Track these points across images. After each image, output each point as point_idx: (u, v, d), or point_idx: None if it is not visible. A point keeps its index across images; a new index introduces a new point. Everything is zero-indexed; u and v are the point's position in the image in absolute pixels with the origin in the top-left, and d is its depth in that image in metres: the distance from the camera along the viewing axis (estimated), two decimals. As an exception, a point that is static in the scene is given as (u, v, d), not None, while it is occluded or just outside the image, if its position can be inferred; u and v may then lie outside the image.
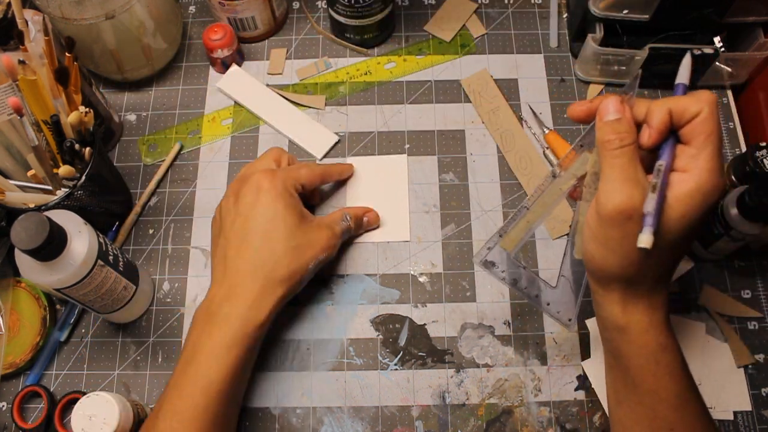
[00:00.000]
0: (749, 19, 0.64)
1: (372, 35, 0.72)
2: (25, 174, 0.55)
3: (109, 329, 0.61)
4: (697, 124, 0.41)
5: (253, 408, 0.58)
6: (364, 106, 0.70)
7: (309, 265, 0.55)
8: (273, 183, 0.55)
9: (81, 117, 0.54)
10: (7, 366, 0.58)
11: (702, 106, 0.41)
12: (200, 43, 0.74)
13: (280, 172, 0.57)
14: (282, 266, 0.54)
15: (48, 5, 0.59)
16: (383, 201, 0.65)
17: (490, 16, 0.75)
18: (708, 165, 0.40)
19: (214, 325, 0.51)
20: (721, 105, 0.70)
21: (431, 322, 0.61)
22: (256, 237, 0.54)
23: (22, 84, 0.52)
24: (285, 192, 0.56)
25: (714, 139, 0.41)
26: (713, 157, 0.40)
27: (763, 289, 0.62)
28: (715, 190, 0.41)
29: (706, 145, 0.40)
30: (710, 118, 0.41)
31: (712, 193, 0.40)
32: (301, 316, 0.61)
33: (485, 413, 0.57)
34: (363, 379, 0.59)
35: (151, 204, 0.66)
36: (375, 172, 0.67)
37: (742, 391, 0.58)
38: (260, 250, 0.54)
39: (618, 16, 0.64)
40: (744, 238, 0.56)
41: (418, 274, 0.63)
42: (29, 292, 0.61)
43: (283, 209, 0.55)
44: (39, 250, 0.46)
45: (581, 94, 0.70)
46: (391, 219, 0.65)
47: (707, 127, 0.41)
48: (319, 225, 0.57)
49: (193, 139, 0.69)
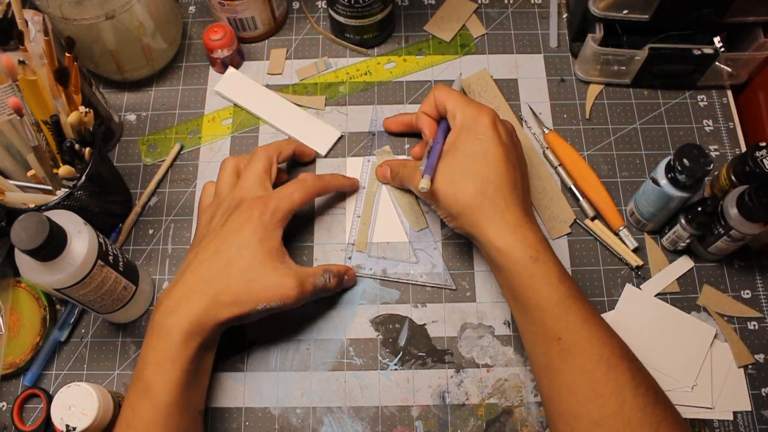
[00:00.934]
0: (749, 19, 0.64)
1: (372, 35, 0.72)
2: (25, 174, 0.55)
3: (109, 329, 0.61)
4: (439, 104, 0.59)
5: (253, 408, 0.58)
6: (364, 106, 0.70)
7: (257, 306, 0.53)
8: (263, 215, 0.55)
9: (81, 117, 0.54)
10: (7, 366, 0.58)
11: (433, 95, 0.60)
12: (200, 43, 0.74)
13: (273, 202, 0.56)
14: (230, 293, 0.52)
15: (48, 5, 0.59)
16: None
17: (490, 16, 0.75)
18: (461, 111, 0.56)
19: (159, 338, 0.51)
20: (721, 105, 0.70)
21: (431, 322, 0.61)
22: (221, 260, 0.54)
23: (22, 84, 0.52)
24: (270, 226, 0.55)
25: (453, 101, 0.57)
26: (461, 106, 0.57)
27: (763, 289, 0.62)
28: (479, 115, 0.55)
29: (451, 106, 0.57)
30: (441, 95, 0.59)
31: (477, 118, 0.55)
32: (301, 316, 0.61)
33: (485, 413, 0.57)
34: (363, 379, 0.59)
35: (151, 204, 0.66)
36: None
37: (742, 391, 0.58)
38: (217, 273, 0.53)
39: (618, 16, 0.64)
40: (744, 238, 0.56)
41: (418, 274, 0.63)
42: (29, 292, 0.61)
43: (257, 243, 0.54)
44: (39, 250, 0.46)
45: (581, 94, 0.70)
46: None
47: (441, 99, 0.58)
48: (287, 273, 0.54)
49: (193, 139, 0.69)
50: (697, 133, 0.69)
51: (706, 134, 0.69)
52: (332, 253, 0.63)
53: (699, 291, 0.62)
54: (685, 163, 0.54)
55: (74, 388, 0.51)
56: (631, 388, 0.46)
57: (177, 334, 0.51)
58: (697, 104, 0.70)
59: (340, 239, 0.64)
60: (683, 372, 0.58)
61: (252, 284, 0.53)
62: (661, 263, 0.63)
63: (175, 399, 0.50)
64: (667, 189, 0.56)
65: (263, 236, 0.55)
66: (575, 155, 0.66)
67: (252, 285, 0.53)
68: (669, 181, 0.56)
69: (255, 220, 0.55)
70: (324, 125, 0.69)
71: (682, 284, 0.62)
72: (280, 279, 0.54)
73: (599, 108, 0.70)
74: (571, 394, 0.47)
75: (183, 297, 0.52)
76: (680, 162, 0.54)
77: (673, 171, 0.56)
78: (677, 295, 0.61)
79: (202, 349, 0.52)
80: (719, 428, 0.57)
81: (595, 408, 0.46)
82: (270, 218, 0.55)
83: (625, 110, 0.70)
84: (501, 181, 0.53)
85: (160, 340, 0.51)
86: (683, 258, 0.63)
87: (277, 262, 0.55)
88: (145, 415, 0.49)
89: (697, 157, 0.54)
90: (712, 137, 0.68)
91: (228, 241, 0.54)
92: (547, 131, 0.68)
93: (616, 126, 0.69)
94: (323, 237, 0.64)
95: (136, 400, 0.50)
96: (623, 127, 0.69)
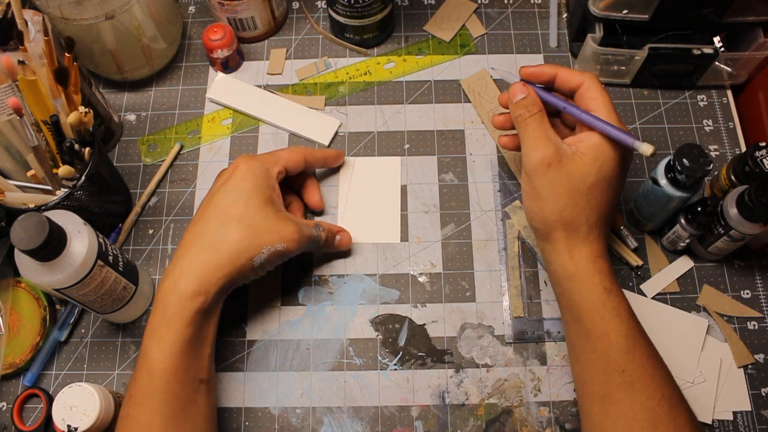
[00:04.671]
0: (749, 19, 0.64)
1: (372, 35, 0.72)
2: (25, 174, 0.55)
3: (109, 329, 0.61)
4: (584, 91, 0.53)
5: (253, 408, 0.58)
6: (363, 106, 0.70)
7: (262, 249, 0.52)
8: (249, 163, 0.55)
9: (81, 117, 0.54)
10: (7, 366, 0.58)
11: (584, 78, 0.53)
12: (200, 43, 0.74)
13: (261, 155, 0.57)
14: (230, 241, 0.51)
15: (48, 5, 0.59)
16: (375, 202, 0.65)
17: (489, 16, 0.75)
18: (608, 115, 0.51)
19: (157, 303, 0.50)
20: (720, 105, 0.70)
21: (431, 322, 0.61)
22: (213, 211, 0.53)
23: (22, 84, 0.52)
24: (259, 173, 0.55)
25: (604, 101, 0.52)
26: (609, 111, 0.51)
27: (762, 289, 0.62)
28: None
29: (598, 106, 0.51)
30: (592, 87, 0.52)
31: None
32: (301, 316, 0.61)
33: (485, 413, 0.57)
34: (362, 379, 0.59)
35: (151, 204, 0.66)
36: (369, 173, 0.67)
37: (742, 391, 0.58)
38: (210, 224, 0.52)
39: (618, 16, 0.64)
40: (744, 238, 0.56)
41: (417, 274, 0.63)
42: (29, 292, 0.61)
43: (249, 189, 0.53)
44: (39, 250, 0.46)
45: (581, 94, 0.70)
46: (383, 220, 0.65)
47: (593, 93, 0.52)
48: (286, 217, 0.55)
49: (193, 139, 0.69)
50: (697, 133, 0.69)
51: (706, 134, 0.69)
52: (332, 253, 0.63)
53: (699, 291, 0.62)
54: (685, 163, 0.54)
55: (75, 389, 0.51)
56: (689, 430, 0.46)
57: (173, 297, 0.49)
58: (697, 104, 0.70)
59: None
60: (682, 368, 0.58)
61: (251, 229, 0.52)
62: (661, 263, 0.63)
63: (172, 367, 0.48)
64: (667, 189, 0.56)
65: (255, 183, 0.54)
66: (575, 155, 0.66)
67: (251, 230, 0.52)
68: (669, 181, 0.56)
69: (241, 169, 0.55)
70: (322, 116, 0.69)
71: (682, 284, 0.62)
72: (280, 223, 0.54)
73: (599, 108, 0.70)
74: (630, 428, 0.47)
75: (181, 257, 0.51)
76: (680, 162, 0.54)
77: (673, 171, 0.56)
78: (677, 295, 0.61)
79: (201, 313, 0.50)
80: (719, 428, 0.57)
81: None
82: (258, 166, 0.55)
83: (625, 110, 0.70)
84: (606, 213, 0.51)
85: (158, 305, 0.50)
86: (683, 258, 0.63)
87: (275, 209, 0.55)
88: (143, 383, 0.48)
89: (697, 157, 0.54)
90: (712, 137, 0.68)
91: (219, 194, 0.54)
92: (547, 131, 0.68)
93: (616, 126, 0.69)
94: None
95: (137, 370, 0.49)
96: (623, 127, 0.69)
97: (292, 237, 0.54)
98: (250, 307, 0.61)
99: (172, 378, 0.48)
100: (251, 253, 0.52)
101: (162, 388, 0.48)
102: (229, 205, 0.53)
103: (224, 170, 0.57)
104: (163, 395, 0.48)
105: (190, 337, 0.49)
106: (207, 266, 0.50)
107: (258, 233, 0.52)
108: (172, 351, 0.48)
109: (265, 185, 0.55)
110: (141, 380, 0.49)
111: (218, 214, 0.53)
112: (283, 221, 0.54)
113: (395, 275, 0.63)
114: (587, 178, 0.49)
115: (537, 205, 0.51)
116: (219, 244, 0.51)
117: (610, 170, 0.50)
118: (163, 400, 0.48)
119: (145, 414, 0.48)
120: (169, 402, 0.48)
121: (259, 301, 0.62)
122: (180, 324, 0.49)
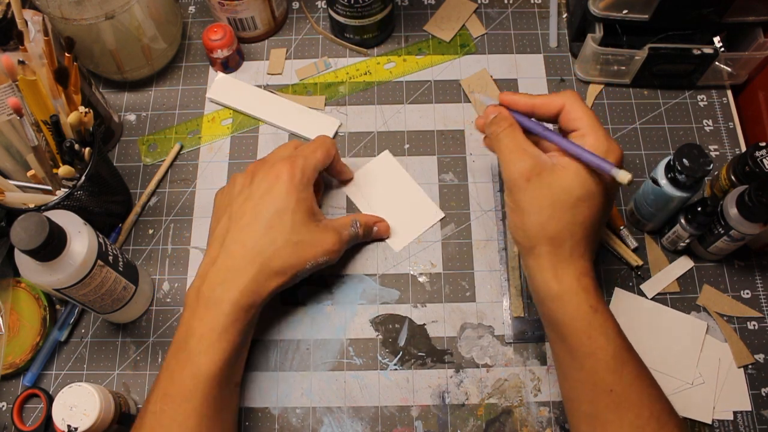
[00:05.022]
0: (749, 19, 0.64)
1: (372, 35, 0.72)
2: (25, 174, 0.55)
3: (109, 329, 0.61)
4: (566, 113, 0.51)
5: (253, 408, 0.58)
6: (363, 106, 0.70)
7: (307, 264, 0.55)
8: (292, 173, 0.55)
9: (81, 117, 0.54)
10: (7, 366, 0.58)
11: (563, 99, 0.52)
12: (200, 43, 0.74)
13: (300, 160, 0.56)
14: (279, 258, 0.53)
15: (48, 5, 0.59)
16: (398, 198, 0.65)
17: (489, 16, 0.75)
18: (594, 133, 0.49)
19: (207, 309, 0.51)
20: (720, 105, 0.70)
21: (431, 322, 0.61)
22: (261, 224, 0.53)
23: (22, 84, 0.52)
24: (301, 185, 0.55)
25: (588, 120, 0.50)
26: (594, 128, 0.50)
27: (762, 289, 0.62)
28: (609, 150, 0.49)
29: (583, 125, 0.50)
30: (574, 107, 0.51)
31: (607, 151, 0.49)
32: (301, 316, 0.61)
33: (485, 413, 0.57)
34: (362, 379, 0.59)
35: (151, 204, 0.66)
36: (373, 178, 0.66)
37: (742, 391, 0.58)
38: (261, 239, 0.53)
39: (618, 16, 0.64)
40: (744, 238, 0.56)
41: (417, 274, 0.63)
42: (29, 292, 0.61)
43: (294, 203, 0.54)
44: (39, 250, 0.46)
45: (581, 93, 0.70)
46: (417, 209, 0.65)
47: (575, 113, 0.51)
48: (326, 227, 0.57)
49: (193, 139, 0.69)
50: (697, 133, 0.69)
51: (706, 134, 0.69)
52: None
53: (699, 291, 0.62)
54: (685, 163, 0.54)
55: (76, 389, 0.51)
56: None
57: (227, 306, 0.51)
58: (697, 104, 0.70)
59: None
60: (682, 369, 0.58)
61: (298, 246, 0.54)
62: (661, 263, 0.63)
63: (218, 372, 0.50)
64: (667, 189, 0.56)
65: (298, 197, 0.55)
66: (575, 155, 0.66)
67: (298, 247, 0.54)
68: (669, 181, 0.56)
69: (285, 180, 0.54)
70: (321, 116, 0.69)
71: (682, 284, 0.62)
72: (322, 235, 0.56)
73: (599, 108, 0.70)
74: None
75: (231, 268, 0.52)
76: (680, 162, 0.54)
77: (673, 171, 0.56)
78: (677, 295, 0.61)
79: (250, 324, 0.53)
80: (719, 428, 0.57)
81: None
82: (300, 177, 0.55)
83: (625, 110, 0.70)
84: (591, 229, 0.49)
85: (208, 311, 0.51)
86: (683, 258, 0.63)
87: (315, 220, 0.56)
88: (185, 385, 0.49)
89: (696, 157, 0.54)
90: (712, 137, 0.68)
91: (263, 204, 0.54)
92: (547, 131, 0.68)
93: (616, 126, 0.69)
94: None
95: (177, 370, 0.50)
96: (623, 127, 0.69)
97: (333, 248, 0.56)
98: (250, 307, 0.61)
99: (215, 383, 0.50)
100: (297, 269, 0.54)
101: (204, 391, 0.49)
102: (275, 219, 0.54)
103: (260, 168, 0.56)
104: (204, 398, 0.49)
105: (238, 345, 0.51)
106: (258, 280, 0.52)
107: (304, 249, 0.54)
108: (222, 358, 0.50)
109: (307, 196, 0.56)
110: (183, 381, 0.49)
111: (266, 229, 0.53)
112: (325, 233, 0.56)
113: (395, 275, 0.63)
114: (571, 192, 0.48)
115: (519, 218, 0.50)
116: (269, 260, 0.53)
117: (595, 185, 0.49)
118: (203, 402, 0.49)
119: (181, 413, 0.49)
120: (209, 404, 0.49)
121: (259, 301, 0.62)
122: (233, 334, 0.51)
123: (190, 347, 0.50)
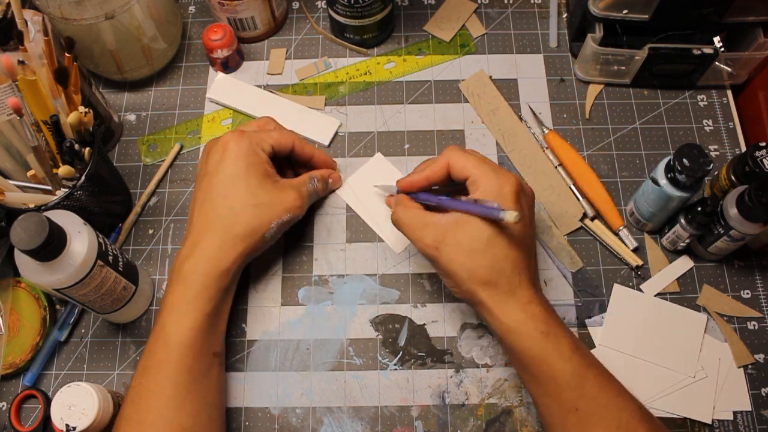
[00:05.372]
0: (749, 19, 0.64)
1: (372, 35, 0.72)
2: (25, 174, 0.55)
3: (109, 329, 0.61)
4: (454, 167, 0.53)
5: (253, 408, 0.58)
6: (363, 106, 0.70)
7: (272, 224, 0.56)
8: (239, 142, 0.56)
9: (81, 117, 0.54)
10: (6, 366, 0.58)
11: (446, 158, 0.53)
12: (200, 43, 0.74)
13: (250, 133, 0.58)
14: (240, 223, 0.54)
15: (48, 5, 0.59)
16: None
17: (489, 16, 0.75)
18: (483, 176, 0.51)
19: (178, 282, 0.53)
20: (720, 105, 0.70)
21: (431, 322, 0.61)
22: (218, 194, 0.55)
23: (22, 84, 0.52)
24: (250, 151, 0.56)
25: (472, 164, 0.51)
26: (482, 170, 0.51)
27: (762, 289, 0.62)
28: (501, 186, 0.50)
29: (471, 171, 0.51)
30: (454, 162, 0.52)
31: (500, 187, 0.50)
32: (301, 316, 0.61)
33: (485, 413, 0.57)
34: (362, 379, 0.59)
35: (151, 204, 0.66)
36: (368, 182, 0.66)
37: (742, 391, 0.58)
38: (219, 208, 0.55)
39: (618, 16, 0.64)
40: (744, 238, 0.56)
41: (417, 274, 0.63)
42: (29, 292, 0.61)
43: (245, 168, 0.56)
44: (39, 250, 0.46)
45: (581, 93, 0.70)
46: None
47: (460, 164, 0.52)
48: (284, 186, 0.58)
49: (193, 139, 0.69)
50: (696, 133, 0.69)
51: (705, 134, 0.69)
52: (332, 253, 0.63)
53: (699, 291, 0.62)
54: (685, 163, 0.54)
55: (74, 388, 0.52)
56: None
57: (195, 277, 0.52)
58: (697, 104, 0.70)
59: (340, 239, 0.64)
60: (682, 363, 0.58)
61: (258, 208, 0.55)
62: (661, 263, 0.63)
63: (190, 341, 0.51)
64: (667, 189, 0.56)
65: (248, 161, 0.56)
66: (575, 155, 0.66)
67: (258, 209, 0.55)
68: (669, 181, 0.56)
69: (233, 148, 0.56)
70: (322, 116, 0.69)
71: (682, 284, 0.62)
72: (281, 194, 0.57)
73: (599, 108, 0.70)
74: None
75: (197, 241, 0.54)
76: (680, 162, 0.54)
77: (673, 171, 0.56)
78: (677, 295, 0.61)
79: (222, 290, 0.53)
80: (719, 428, 0.57)
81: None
82: (248, 144, 0.57)
83: (624, 110, 0.70)
84: (519, 258, 0.50)
85: (178, 284, 0.52)
86: (683, 258, 0.63)
87: (272, 180, 0.57)
88: (159, 356, 0.50)
89: (696, 157, 0.54)
90: (712, 137, 0.68)
91: (216, 175, 0.56)
92: (546, 131, 0.68)
93: (615, 126, 0.69)
94: (323, 237, 0.64)
95: (152, 343, 0.51)
96: (623, 127, 0.69)
97: (294, 204, 0.57)
98: (250, 307, 0.61)
99: (188, 351, 0.51)
100: (262, 230, 0.55)
101: (176, 359, 0.50)
102: (230, 187, 0.55)
103: (213, 145, 0.58)
104: (177, 366, 0.50)
105: (209, 313, 0.52)
106: (224, 248, 0.54)
107: (264, 210, 0.55)
108: (191, 326, 0.51)
109: (258, 161, 0.57)
110: (156, 353, 0.51)
111: (223, 198, 0.55)
112: (284, 191, 0.57)
113: (395, 275, 0.63)
114: (480, 237, 0.49)
115: (449, 280, 0.52)
116: (231, 227, 0.54)
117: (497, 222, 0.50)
118: (176, 371, 0.50)
119: (156, 383, 0.50)
120: (182, 372, 0.50)
121: (259, 301, 0.62)
122: (202, 301, 0.52)
123: (163, 319, 0.52)
